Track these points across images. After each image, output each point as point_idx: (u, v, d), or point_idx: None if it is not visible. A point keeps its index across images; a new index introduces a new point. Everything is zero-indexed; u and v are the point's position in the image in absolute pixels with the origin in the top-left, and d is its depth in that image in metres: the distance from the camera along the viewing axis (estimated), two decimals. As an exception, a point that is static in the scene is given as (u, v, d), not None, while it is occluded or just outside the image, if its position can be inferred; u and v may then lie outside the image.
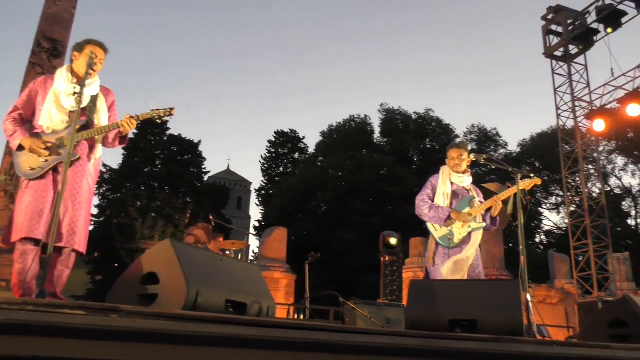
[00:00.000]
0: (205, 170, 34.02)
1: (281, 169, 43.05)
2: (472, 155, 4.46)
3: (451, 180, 4.58)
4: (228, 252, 7.12)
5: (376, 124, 37.68)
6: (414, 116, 36.87)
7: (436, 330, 2.62)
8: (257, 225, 37.36)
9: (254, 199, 51.10)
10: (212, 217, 7.38)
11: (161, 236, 23.66)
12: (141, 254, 2.50)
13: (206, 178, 36.49)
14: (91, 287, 25.75)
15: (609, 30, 12.72)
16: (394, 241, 11.93)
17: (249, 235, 34.09)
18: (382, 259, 12.08)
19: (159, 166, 30.35)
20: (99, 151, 3.44)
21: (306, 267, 6.91)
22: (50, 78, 3.42)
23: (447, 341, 2.10)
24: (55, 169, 3.17)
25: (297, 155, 43.56)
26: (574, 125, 13.99)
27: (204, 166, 33.43)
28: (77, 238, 3.16)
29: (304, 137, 44.85)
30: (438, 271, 4.34)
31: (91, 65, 3.23)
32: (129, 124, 3.29)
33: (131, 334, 1.61)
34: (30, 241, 3.01)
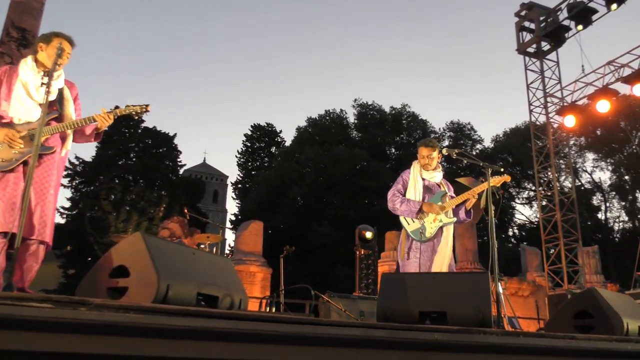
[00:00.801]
0: (180, 164, 33.66)
1: (258, 162, 42.90)
2: (444, 150, 4.51)
3: (422, 176, 4.64)
4: (203, 246, 7.08)
5: (352, 118, 37.83)
6: (389, 111, 37.07)
7: (407, 322, 2.66)
8: (233, 219, 37.22)
9: (230, 193, 50.89)
10: (187, 211, 7.33)
11: (135, 230, 23.38)
12: (114, 247, 2.48)
13: (182, 171, 36.10)
14: (63, 281, 25.31)
15: (580, 27, 12.96)
16: (369, 235, 12.03)
17: (224, 228, 33.98)
18: (357, 252, 12.17)
19: (133, 159, 29.91)
20: (69, 143, 3.39)
21: (281, 261, 6.92)
22: (15, 68, 3.35)
23: (416, 332, 2.13)
24: (25, 162, 3.12)
25: (273, 149, 43.45)
26: (545, 121, 14.25)
27: (179, 159, 33.06)
28: (48, 230, 3.14)
29: (281, 131, 44.80)
30: (410, 265, 4.39)
31: (60, 57, 3.17)
32: (105, 119, 3.26)
33: (100, 327, 1.60)
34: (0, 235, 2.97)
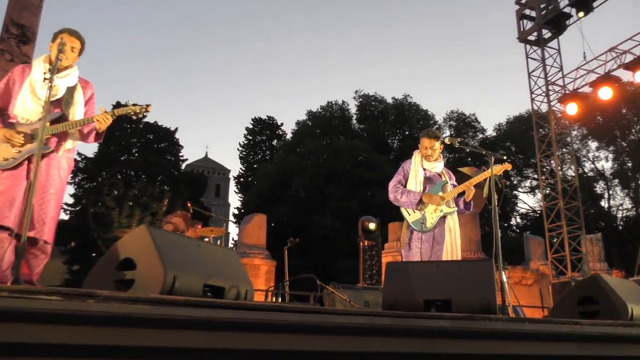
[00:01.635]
0: (182, 158, 33.69)
1: (259, 156, 42.84)
2: (446, 139, 4.50)
3: (423, 166, 4.64)
4: (207, 240, 7.11)
5: (354, 110, 37.73)
6: (391, 102, 36.96)
7: (412, 310, 2.67)
8: (236, 212, 37.28)
9: (232, 187, 50.91)
10: (190, 205, 7.36)
11: (138, 225, 23.44)
12: (119, 242, 2.50)
13: (184, 166, 36.15)
14: (68, 277, 25.43)
15: (581, 14, 12.87)
16: (372, 226, 12.06)
17: (227, 222, 34.02)
18: (361, 243, 12.21)
19: (135, 154, 29.93)
20: (70, 143, 3.40)
21: (285, 253, 6.95)
22: (28, 67, 3.39)
23: (421, 320, 2.15)
24: (29, 159, 3.15)
25: (275, 142, 43.39)
26: (547, 109, 14.20)
27: (181, 154, 33.10)
28: (45, 229, 3.16)
29: (282, 124, 44.72)
30: (411, 255, 4.40)
31: (60, 51, 3.17)
32: (104, 119, 3.25)
33: (108, 319, 1.62)
34: (2, 230, 2.99)
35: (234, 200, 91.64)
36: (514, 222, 35.17)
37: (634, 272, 10.72)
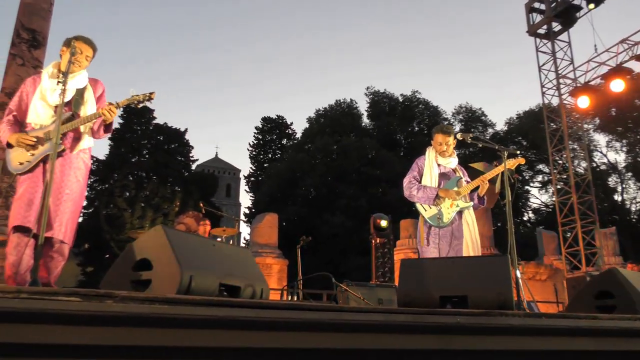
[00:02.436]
0: (193, 159, 33.80)
1: (269, 155, 42.93)
2: (458, 135, 4.48)
3: (437, 162, 4.62)
4: (219, 239, 7.13)
5: (363, 107, 37.64)
6: (400, 98, 36.82)
7: (428, 307, 2.66)
8: (247, 212, 37.34)
9: (243, 186, 51.03)
10: (202, 205, 7.38)
11: (151, 226, 23.58)
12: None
13: (194, 166, 36.27)
14: (82, 279, 25.65)
15: (591, 6, 12.75)
16: (384, 223, 12.01)
17: (239, 222, 34.12)
18: (373, 241, 12.16)
19: (146, 156, 30.09)
20: (84, 142, 3.43)
21: (298, 251, 6.95)
22: (38, 77, 3.47)
23: (437, 316, 2.13)
24: (45, 160, 3.21)
25: (284, 141, 43.44)
26: (559, 103, 14.09)
27: (191, 154, 33.20)
28: (62, 229, 3.18)
29: (292, 123, 44.81)
30: (429, 251, 4.38)
31: (73, 54, 3.21)
32: (109, 111, 3.29)
33: (127, 319, 1.62)
34: (22, 232, 3.03)
35: (245, 199, 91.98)
36: (526, 218, 34.94)
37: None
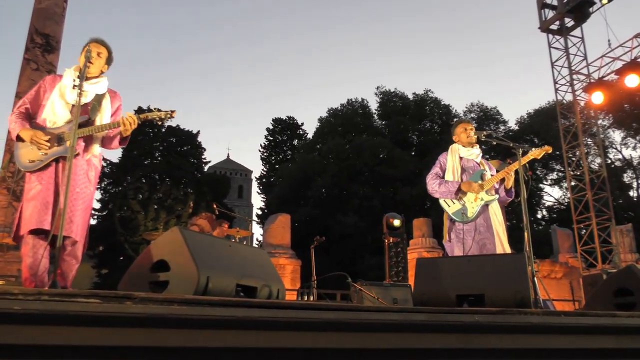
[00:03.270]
0: (205, 161, 33.94)
1: (281, 156, 42.98)
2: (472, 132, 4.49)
3: (460, 155, 4.59)
4: (233, 240, 7.16)
5: (374, 106, 37.58)
6: (412, 97, 36.71)
7: (444, 305, 2.65)
8: (259, 213, 37.47)
9: (255, 187, 51.16)
10: (215, 206, 7.41)
11: (164, 227, 23.73)
12: (145, 245, 2.53)
13: (206, 168, 36.43)
14: (97, 281, 25.87)
15: (604, 0, 12.62)
16: (397, 223, 12.00)
17: (251, 222, 34.23)
18: (386, 240, 12.14)
19: (159, 158, 30.28)
20: (95, 149, 3.45)
21: (312, 251, 6.95)
22: (59, 76, 3.49)
23: (455, 315, 2.12)
24: (57, 160, 3.21)
25: (296, 142, 43.48)
26: (572, 99, 13.96)
27: (203, 156, 33.33)
28: (73, 227, 3.17)
29: (303, 124, 44.81)
30: (454, 247, 4.35)
31: (88, 59, 3.24)
32: (131, 122, 3.30)
33: (146, 320, 1.63)
34: (39, 234, 3.05)
35: (257, 201, 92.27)
36: (540, 215, 34.65)
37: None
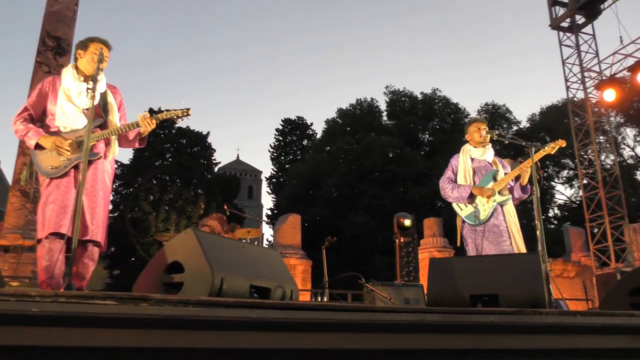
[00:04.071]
0: (215, 161, 34.10)
1: (290, 156, 43.04)
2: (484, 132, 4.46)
3: (472, 156, 4.55)
4: (245, 241, 7.18)
5: (383, 106, 37.49)
6: (420, 96, 36.59)
7: (457, 306, 2.64)
8: (269, 213, 37.52)
9: (265, 188, 51.28)
10: (226, 207, 7.44)
11: (175, 229, 23.80)
12: (157, 246, 2.54)
13: (216, 169, 36.58)
14: (109, 282, 26.05)
15: (616, -4, 12.52)
16: (408, 222, 11.96)
17: (261, 223, 34.29)
18: (397, 240, 12.11)
19: (169, 159, 30.44)
20: (115, 149, 3.47)
21: (323, 252, 6.95)
22: (57, 78, 3.44)
23: (470, 315, 2.11)
24: (76, 166, 3.22)
25: (305, 142, 43.50)
26: (583, 97, 13.85)
27: (213, 157, 33.49)
28: (100, 231, 3.24)
29: (312, 124, 44.84)
30: (468, 249, 4.33)
31: (101, 62, 3.24)
32: (149, 123, 3.32)
33: (161, 321, 1.64)
34: (56, 237, 3.07)
35: (267, 201, 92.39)
36: (551, 214, 34.40)
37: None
